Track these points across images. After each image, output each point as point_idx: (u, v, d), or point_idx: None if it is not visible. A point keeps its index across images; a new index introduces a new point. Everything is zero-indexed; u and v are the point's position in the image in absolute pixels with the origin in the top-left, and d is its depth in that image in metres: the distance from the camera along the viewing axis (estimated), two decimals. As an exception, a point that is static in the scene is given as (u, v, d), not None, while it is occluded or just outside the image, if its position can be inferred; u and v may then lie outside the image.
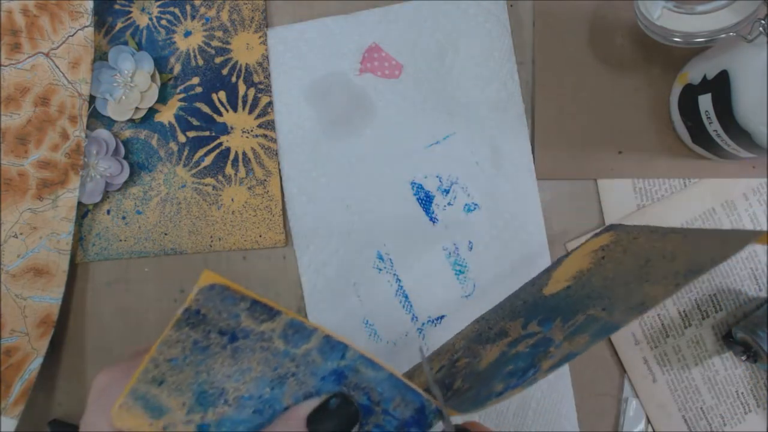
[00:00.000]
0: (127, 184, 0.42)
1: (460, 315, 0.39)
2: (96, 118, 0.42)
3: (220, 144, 0.42)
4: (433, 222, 0.40)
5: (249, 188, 0.42)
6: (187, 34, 0.43)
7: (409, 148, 0.41)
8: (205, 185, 0.42)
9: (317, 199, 0.41)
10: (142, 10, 0.43)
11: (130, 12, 0.43)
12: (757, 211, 0.38)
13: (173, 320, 0.20)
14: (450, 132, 0.40)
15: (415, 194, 0.40)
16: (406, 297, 0.40)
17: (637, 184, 0.39)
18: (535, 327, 0.27)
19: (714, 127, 0.34)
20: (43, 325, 0.40)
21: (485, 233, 0.40)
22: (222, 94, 0.42)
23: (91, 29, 0.41)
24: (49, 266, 0.41)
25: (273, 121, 0.42)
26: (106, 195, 0.42)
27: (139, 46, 0.43)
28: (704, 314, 0.39)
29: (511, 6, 0.40)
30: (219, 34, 0.42)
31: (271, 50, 0.42)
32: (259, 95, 0.42)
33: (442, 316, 0.40)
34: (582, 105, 0.39)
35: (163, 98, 0.42)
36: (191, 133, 0.42)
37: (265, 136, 0.42)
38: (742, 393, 0.38)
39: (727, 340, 0.37)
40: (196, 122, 0.42)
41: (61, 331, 0.43)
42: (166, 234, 0.42)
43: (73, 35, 0.41)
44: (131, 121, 0.42)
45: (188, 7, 0.43)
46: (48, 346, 0.40)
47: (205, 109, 0.42)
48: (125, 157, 0.42)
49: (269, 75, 0.42)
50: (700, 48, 0.34)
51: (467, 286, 0.40)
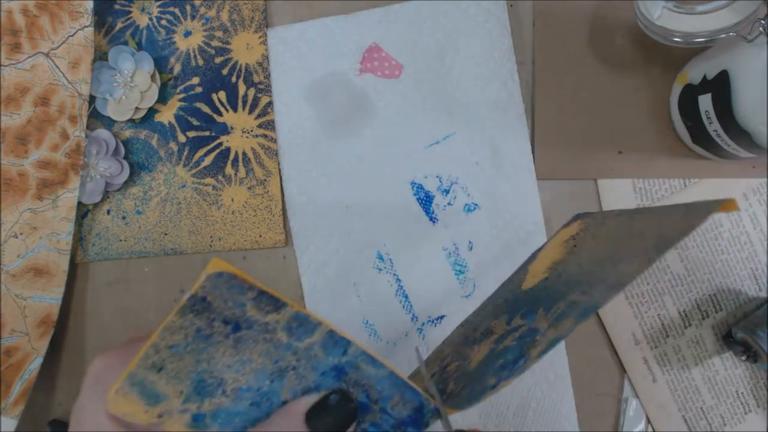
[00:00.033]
0: (127, 184, 0.42)
1: (460, 315, 0.39)
2: (96, 118, 0.42)
3: (220, 144, 0.42)
4: (433, 222, 0.40)
5: (249, 188, 0.42)
6: (187, 34, 0.43)
7: (409, 148, 0.41)
8: (205, 185, 0.42)
9: (317, 199, 0.41)
10: (142, 10, 0.43)
11: (130, 12, 0.43)
12: (757, 211, 0.38)
13: (178, 306, 0.20)
14: (450, 132, 0.40)
15: (415, 194, 0.40)
16: (406, 297, 0.40)
17: (637, 184, 0.39)
18: (519, 321, 0.27)
19: (714, 127, 0.34)
20: (43, 325, 0.40)
21: (485, 233, 0.40)
22: (222, 94, 0.42)
23: (91, 29, 0.41)
24: (49, 266, 0.41)
25: (273, 121, 0.42)
26: (106, 195, 0.42)
27: (139, 46, 0.43)
28: (704, 314, 0.39)
29: (511, 6, 0.40)
30: (219, 34, 0.42)
31: (271, 50, 0.42)
32: (259, 95, 0.42)
33: (442, 316, 0.40)
34: (582, 105, 0.39)
35: (163, 98, 0.42)
36: (191, 133, 0.42)
37: (265, 136, 0.42)
38: (742, 393, 0.38)
39: (727, 340, 0.37)
40: (196, 122, 0.42)
41: (61, 331, 0.43)
42: (166, 234, 0.42)
43: (73, 35, 0.41)
44: (131, 121, 0.42)
45: (188, 7, 0.43)
46: (48, 346, 0.40)
47: (205, 109, 0.42)
48: (125, 157, 0.42)
49: (269, 75, 0.42)
50: (700, 48, 0.34)
51: (467, 286, 0.40)
